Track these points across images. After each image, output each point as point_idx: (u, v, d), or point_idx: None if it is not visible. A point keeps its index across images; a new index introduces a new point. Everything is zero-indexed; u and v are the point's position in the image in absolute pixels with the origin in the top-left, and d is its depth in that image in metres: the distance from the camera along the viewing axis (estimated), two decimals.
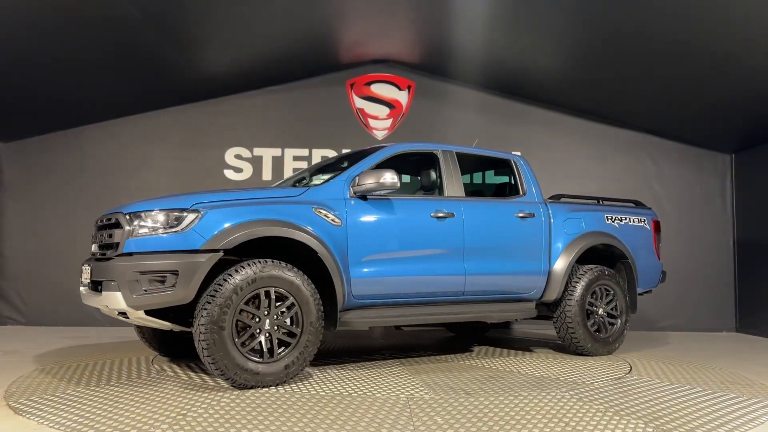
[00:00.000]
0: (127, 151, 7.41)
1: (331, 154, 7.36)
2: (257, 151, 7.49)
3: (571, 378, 4.23)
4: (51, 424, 3.00)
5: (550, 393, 3.72)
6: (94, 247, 4.16)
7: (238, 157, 7.47)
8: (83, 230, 7.20)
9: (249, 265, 3.77)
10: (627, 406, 3.45)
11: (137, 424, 2.96)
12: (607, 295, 5.32)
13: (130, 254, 3.74)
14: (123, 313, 3.81)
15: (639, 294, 5.72)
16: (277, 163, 7.46)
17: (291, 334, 3.89)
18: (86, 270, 4.04)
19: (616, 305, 5.36)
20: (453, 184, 4.87)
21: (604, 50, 6.03)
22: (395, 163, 4.98)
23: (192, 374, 4.22)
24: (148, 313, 3.72)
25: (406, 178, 6.45)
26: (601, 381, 4.14)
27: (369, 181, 4.25)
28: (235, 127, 7.49)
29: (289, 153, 7.49)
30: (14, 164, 7.36)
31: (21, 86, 6.19)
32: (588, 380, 4.16)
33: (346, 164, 4.82)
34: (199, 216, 3.76)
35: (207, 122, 7.49)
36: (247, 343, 3.74)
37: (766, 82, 5.68)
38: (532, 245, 5.05)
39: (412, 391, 3.74)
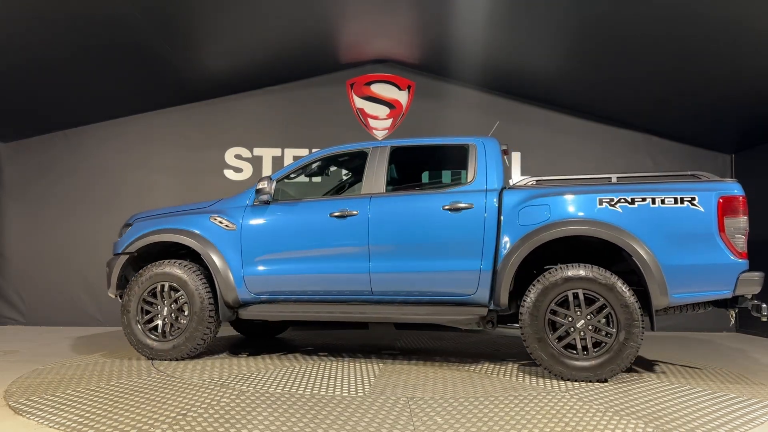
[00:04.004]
0: (127, 151, 7.42)
1: None
2: (257, 151, 7.50)
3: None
4: (51, 424, 3.01)
5: (550, 393, 3.72)
6: None
7: (238, 157, 7.47)
8: (83, 230, 7.22)
9: (153, 265, 4.81)
10: (627, 406, 3.45)
11: (137, 424, 2.97)
12: (590, 303, 4.08)
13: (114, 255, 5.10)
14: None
15: (699, 306, 4.28)
16: (277, 163, 7.46)
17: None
18: None
19: (610, 317, 4.06)
20: (373, 181, 4.70)
21: (604, 50, 6.02)
22: (330, 166, 5.53)
23: (192, 374, 4.22)
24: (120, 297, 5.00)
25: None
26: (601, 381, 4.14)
27: (256, 188, 4.75)
28: (235, 127, 7.50)
29: (289, 153, 7.50)
30: (14, 164, 7.38)
31: (21, 86, 6.19)
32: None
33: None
34: (130, 227, 5.04)
35: (207, 122, 7.49)
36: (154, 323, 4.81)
37: (766, 82, 5.68)
38: (464, 240, 4.36)
39: (412, 391, 3.74)
